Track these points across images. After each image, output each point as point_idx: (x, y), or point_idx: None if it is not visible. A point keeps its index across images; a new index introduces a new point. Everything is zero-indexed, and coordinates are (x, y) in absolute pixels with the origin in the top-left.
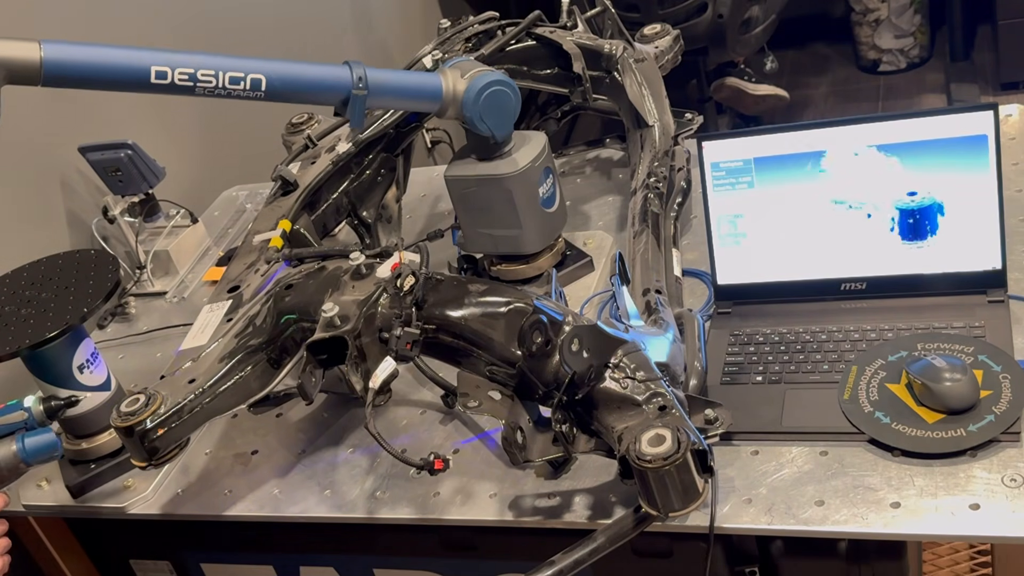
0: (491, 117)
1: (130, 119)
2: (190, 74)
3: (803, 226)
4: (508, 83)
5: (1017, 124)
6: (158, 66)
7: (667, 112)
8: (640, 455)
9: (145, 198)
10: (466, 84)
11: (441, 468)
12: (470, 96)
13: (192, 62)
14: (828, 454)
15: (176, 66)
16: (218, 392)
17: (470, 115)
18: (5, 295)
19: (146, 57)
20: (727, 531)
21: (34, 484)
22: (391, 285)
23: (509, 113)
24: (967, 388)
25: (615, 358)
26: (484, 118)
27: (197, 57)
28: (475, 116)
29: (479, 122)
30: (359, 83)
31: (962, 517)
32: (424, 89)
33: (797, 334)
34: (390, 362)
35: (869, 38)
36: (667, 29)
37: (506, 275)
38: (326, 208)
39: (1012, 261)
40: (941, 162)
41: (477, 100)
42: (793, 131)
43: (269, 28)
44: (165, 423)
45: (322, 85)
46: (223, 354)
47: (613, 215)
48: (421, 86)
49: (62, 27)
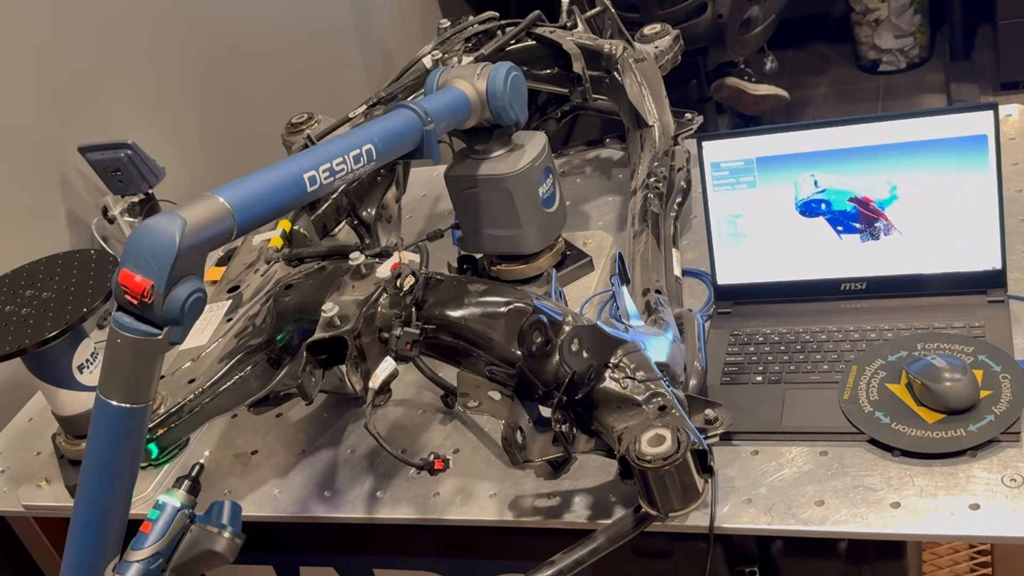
0: (516, 102)
1: (130, 119)
2: (329, 168)
3: (803, 226)
4: (517, 67)
5: (1017, 124)
6: (307, 173)
7: (667, 112)
8: (640, 455)
9: (145, 198)
10: (485, 80)
11: (441, 468)
12: (496, 87)
13: (326, 156)
14: (828, 454)
15: (318, 166)
16: (218, 392)
17: (501, 105)
18: (5, 295)
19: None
20: (727, 531)
21: (34, 484)
22: (391, 285)
23: (525, 96)
24: (967, 388)
25: (615, 358)
26: (512, 104)
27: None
28: (505, 105)
29: (509, 109)
30: (427, 118)
31: (962, 517)
32: (460, 102)
33: (797, 334)
34: (390, 362)
35: (869, 38)
36: (667, 29)
37: (506, 275)
38: (326, 208)
39: (1012, 261)
40: (941, 162)
41: (505, 88)
42: (793, 131)
43: (269, 29)
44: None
45: (405, 133)
46: (223, 354)
47: (613, 215)
48: (457, 100)
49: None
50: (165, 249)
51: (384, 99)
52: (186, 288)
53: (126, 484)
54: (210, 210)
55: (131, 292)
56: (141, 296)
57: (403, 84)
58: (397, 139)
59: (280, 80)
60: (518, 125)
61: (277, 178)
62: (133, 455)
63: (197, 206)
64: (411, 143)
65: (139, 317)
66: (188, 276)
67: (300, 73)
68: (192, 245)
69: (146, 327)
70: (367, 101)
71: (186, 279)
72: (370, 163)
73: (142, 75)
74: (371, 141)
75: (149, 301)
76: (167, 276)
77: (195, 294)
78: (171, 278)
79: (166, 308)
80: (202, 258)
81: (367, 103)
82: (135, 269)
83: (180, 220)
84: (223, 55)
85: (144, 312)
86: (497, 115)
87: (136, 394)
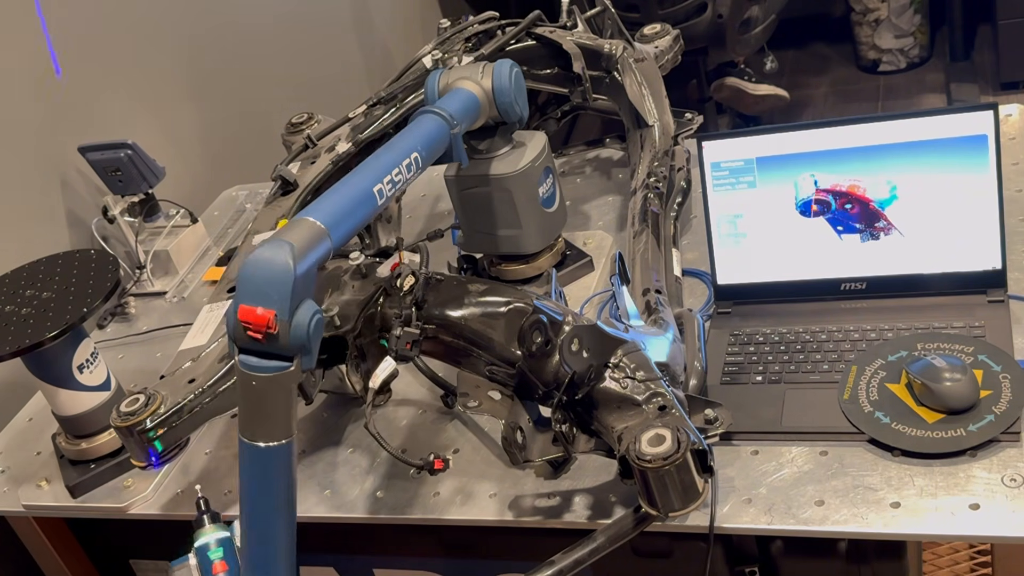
0: (521, 97)
1: (130, 119)
2: (391, 180)
3: (803, 226)
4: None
5: (1017, 124)
6: (376, 187)
7: (667, 112)
8: (640, 455)
9: (145, 198)
10: (490, 78)
11: (441, 468)
12: (503, 84)
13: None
14: (828, 454)
15: (382, 179)
16: (218, 392)
17: (508, 101)
18: (5, 295)
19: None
20: (727, 531)
21: (34, 484)
22: (391, 285)
23: (525, 93)
24: (967, 388)
25: (615, 358)
26: (518, 100)
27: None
28: (512, 101)
29: (515, 105)
30: (453, 121)
31: (962, 517)
32: (472, 103)
33: (797, 334)
34: (390, 362)
35: (869, 38)
36: (667, 29)
37: (506, 275)
38: None
39: (1012, 261)
40: (941, 162)
41: (510, 84)
42: (793, 131)
43: (269, 29)
44: (165, 423)
45: (440, 138)
46: (223, 354)
47: (613, 215)
48: (469, 101)
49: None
50: (282, 275)
51: (384, 99)
52: (306, 312)
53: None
54: (311, 231)
55: (255, 327)
56: (266, 328)
57: (403, 84)
58: (435, 144)
59: (280, 80)
60: (522, 122)
61: (355, 194)
62: (289, 488)
63: (295, 230)
64: (443, 147)
65: (263, 354)
66: (306, 299)
67: (300, 73)
68: (305, 268)
69: (276, 362)
70: (367, 101)
71: (305, 303)
72: (418, 171)
73: (142, 75)
74: (416, 149)
75: (275, 332)
76: (289, 302)
77: (316, 315)
78: (292, 303)
79: (292, 335)
80: (312, 281)
81: (367, 103)
82: (254, 303)
83: (288, 246)
84: (223, 55)
85: (270, 346)
86: (504, 112)
87: (280, 431)
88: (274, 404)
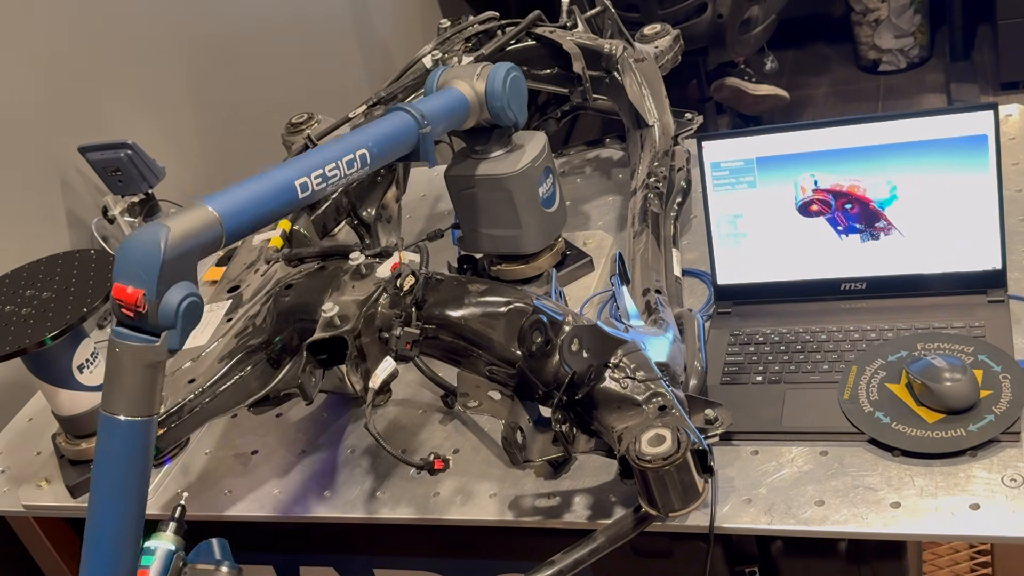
0: (515, 103)
1: (130, 119)
2: (322, 175)
3: (803, 226)
4: (517, 67)
5: (1017, 124)
6: (299, 180)
7: (667, 112)
8: (640, 455)
9: (145, 198)
10: (484, 81)
11: (441, 468)
12: (495, 88)
13: (318, 162)
14: (828, 454)
15: (309, 172)
16: (218, 392)
17: (499, 106)
18: (5, 295)
19: (288, 176)
20: (727, 531)
21: (34, 484)
22: (391, 285)
23: (524, 97)
24: (967, 388)
25: (615, 358)
26: (511, 105)
27: (317, 156)
28: (504, 105)
29: (507, 110)
30: (423, 121)
31: (962, 517)
32: (458, 103)
33: (797, 334)
34: (390, 362)
35: (869, 38)
36: (667, 29)
37: (506, 275)
38: (326, 208)
39: (1012, 261)
40: (941, 162)
41: (504, 89)
42: (793, 131)
43: (269, 29)
44: (165, 423)
45: (400, 136)
46: (223, 354)
47: (613, 215)
48: (455, 102)
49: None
50: (151, 257)
51: (384, 99)
52: (179, 293)
53: (139, 500)
54: (197, 218)
55: (126, 304)
56: (135, 306)
57: (403, 84)
58: (392, 143)
59: (280, 80)
60: (517, 126)
61: (268, 185)
62: (143, 470)
63: (184, 214)
64: (407, 146)
65: (137, 328)
66: (180, 282)
67: (300, 73)
68: (179, 252)
69: (143, 335)
70: (367, 101)
71: (178, 285)
72: (364, 168)
73: (142, 75)
74: (365, 146)
75: (143, 310)
76: (156, 283)
77: (189, 298)
78: (161, 285)
79: (161, 314)
80: (192, 264)
81: (367, 103)
82: (126, 281)
83: (164, 229)
84: (223, 55)
85: (140, 322)
86: (495, 116)
87: (140, 406)
88: (133, 376)
